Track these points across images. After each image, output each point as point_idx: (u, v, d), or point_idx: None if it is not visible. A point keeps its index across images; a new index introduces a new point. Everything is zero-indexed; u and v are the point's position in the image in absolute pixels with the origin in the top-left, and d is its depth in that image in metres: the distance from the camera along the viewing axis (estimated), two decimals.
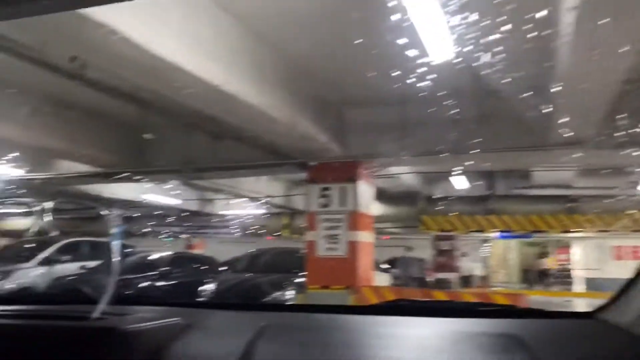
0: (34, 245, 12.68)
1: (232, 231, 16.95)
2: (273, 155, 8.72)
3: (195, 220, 16.24)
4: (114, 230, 1.06)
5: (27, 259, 11.58)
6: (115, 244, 1.08)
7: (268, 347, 0.90)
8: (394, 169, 10.89)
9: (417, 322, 1.08)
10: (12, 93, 7.39)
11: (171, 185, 12.64)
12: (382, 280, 11.52)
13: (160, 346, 0.89)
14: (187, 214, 15.62)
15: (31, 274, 11.07)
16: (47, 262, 11.60)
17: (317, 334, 0.95)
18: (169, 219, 15.91)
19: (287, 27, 5.84)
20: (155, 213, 15.51)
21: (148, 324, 0.94)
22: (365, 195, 8.90)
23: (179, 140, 8.84)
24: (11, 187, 11.34)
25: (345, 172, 8.59)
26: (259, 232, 16.91)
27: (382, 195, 14.22)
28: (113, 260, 1.08)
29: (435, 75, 6.27)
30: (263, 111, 6.29)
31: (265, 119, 6.57)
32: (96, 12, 3.77)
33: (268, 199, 13.62)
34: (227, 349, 0.90)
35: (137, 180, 10.99)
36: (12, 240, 16.61)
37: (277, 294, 9.35)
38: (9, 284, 10.47)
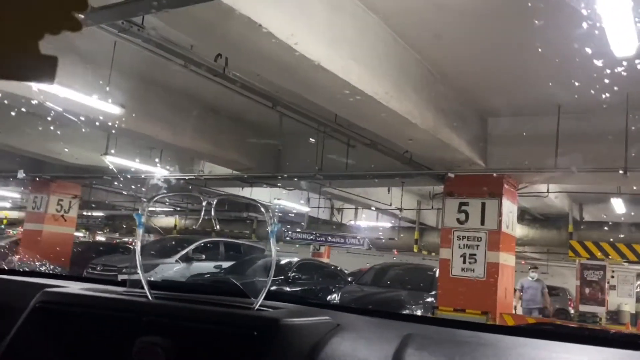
0: (175, 242, 13.54)
1: (359, 242, 16.75)
2: (408, 165, 8.33)
3: (323, 229, 16.30)
4: (271, 230, 1.07)
5: (169, 255, 12.36)
6: (273, 243, 1.08)
7: (415, 356, 0.91)
8: (541, 187, 9.93)
9: (566, 348, 1.01)
10: (165, 96, 7.85)
11: (302, 192, 12.76)
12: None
13: (317, 341, 0.94)
14: (316, 221, 15.73)
15: (171, 269, 11.78)
16: (185, 259, 12.29)
17: (461, 348, 0.95)
18: (298, 226, 16.16)
19: (431, 30, 5.46)
20: (286, 219, 15.82)
21: (304, 319, 0.97)
22: (508, 214, 8.12)
23: (312, 146, 8.80)
24: (160, 186, 12.21)
25: (486, 186, 7.91)
26: (386, 245, 16.51)
27: (524, 216, 13.10)
28: (272, 257, 1.12)
29: (595, 84, 5.53)
30: (402, 117, 5.94)
31: (404, 126, 6.21)
32: (242, 6, 3.70)
33: (398, 211, 13.19)
34: (376, 353, 0.93)
35: (272, 185, 11.21)
36: (158, 236, 18.01)
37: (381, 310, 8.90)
38: (152, 277, 11.21)
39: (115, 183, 12.61)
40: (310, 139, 8.54)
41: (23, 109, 7.52)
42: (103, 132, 8.83)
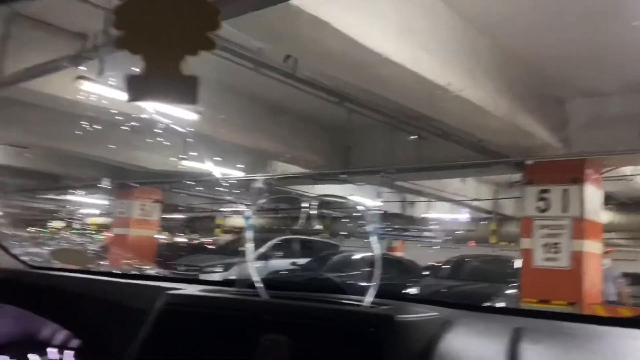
0: (252, 241, 13.85)
1: (434, 235, 16.47)
2: (483, 154, 8.09)
3: (396, 223, 16.14)
4: (370, 228, 1.08)
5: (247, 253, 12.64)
6: (374, 241, 1.09)
7: (532, 351, 0.87)
8: (627, 170, 9.35)
9: None
10: (237, 100, 8.08)
11: (374, 187, 12.70)
12: None
13: (429, 338, 0.91)
14: (389, 215, 15.61)
15: (250, 267, 12.09)
16: (263, 257, 12.56)
17: (576, 341, 0.91)
18: (370, 219, 16.07)
19: (503, 14, 5.27)
20: (358, 214, 15.78)
21: (416, 315, 0.95)
22: (592, 200, 7.70)
23: (382, 140, 8.74)
24: (232, 187, 12.56)
25: (568, 172, 7.53)
26: (462, 237, 16.12)
27: (609, 201, 12.39)
28: (376, 255, 1.10)
29: None
30: (476, 105, 5.78)
31: (478, 114, 6.04)
32: (310, 5, 3.75)
33: (474, 202, 12.84)
34: (491, 349, 0.90)
35: (342, 181, 11.25)
36: (234, 236, 18.53)
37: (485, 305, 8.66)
38: (231, 275, 11.53)
39: (192, 186, 13.10)
40: (380, 133, 8.49)
41: (106, 120, 7.97)
42: (181, 138, 9.20)
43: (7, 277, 0.76)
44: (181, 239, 25.07)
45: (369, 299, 0.98)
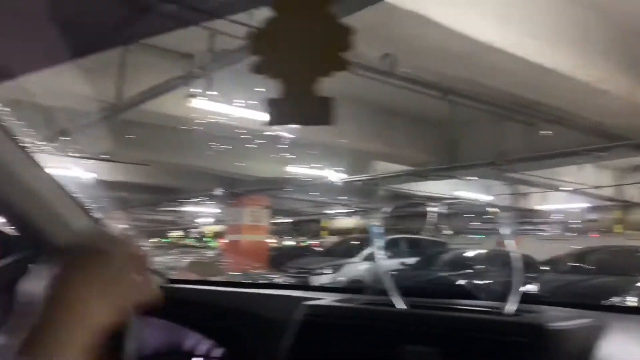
0: (358, 242, 13.88)
1: (550, 228, 15.51)
2: (601, 138, 7.48)
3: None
4: (505, 228, 1.01)
5: (354, 254, 12.71)
6: (508, 241, 0.99)
7: None
8: None
9: None
10: (337, 102, 8.12)
11: (483, 180, 12.24)
12: None
13: (586, 347, 0.83)
14: (500, 209, 14.92)
15: (358, 268, 12.11)
16: (371, 257, 12.55)
17: None
18: (480, 215, 15.51)
19: None
20: (466, 209, 15.30)
21: (569, 323, 0.87)
22: None
23: (489, 131, 8.39)
24: (337, 189, 12.70)
25: None
26: (582, 229, 15.03)
27: None
28: (514, 257, 0.99)
29: None
30: (591, 86, 5.36)
31: (594, 95, 5.60)
32: (405, 2, 3.69)
33: (594, 190, 11.92)
34: None
35: (448, 177, 10.95)
36: (340, 237, 18.70)
37: (615, 300, 7.99)
38: (340, 277, 11.64)
39: (298, 190, 13.43)
40: (487, 124, 8.16)
41: (215, 133, 8.39)
42: (285, 145, 9.45)
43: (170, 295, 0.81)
44: (289, 243, 25.75)
45: (511, 306, 0.92)
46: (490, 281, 8.68)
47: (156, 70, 6.40)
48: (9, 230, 1.06)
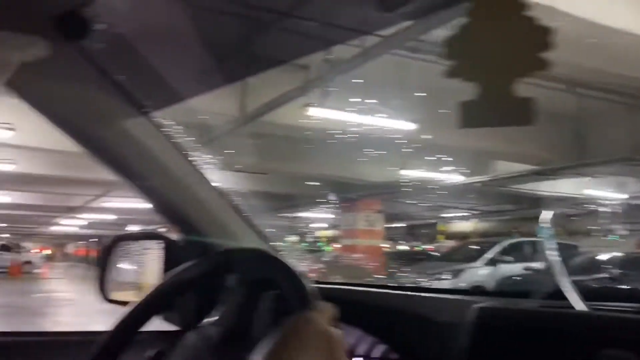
0: (478, 246, 13.39)
1: None
2: None
3: None
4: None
5: (474, 259, 12.28)
6: None
7: None
8: None
9: None
10: (449, 103, 7.93)
11: (616, 178, 11.25)
12: None
13: None
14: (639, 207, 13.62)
15: (479, 272, 11.67)
16: (492, 262, 12.03)
17: None
18: (614, 215, 14.26)
19: None
20: (598, 209, 14.15)
21: None
22: None
23: (622, 124, 7.70)
24: (454, 192, 12.35)
25: None
26: None
27: None
28: None
29: None
30: None
31: None
32: None
33: None
34: None
35: (576, 175, 10.21)
36: (458, 242, 18.16)
37: None
38: (460, 282, 11.29)
39: (412, 194, 13.26)
40: (619, 116, 7.49)
41: (330, 140, 8.55)
42: (399, 148, 9.40)
43: (351, 299, 0.84)
44: (403, 247, 25.50)
45: None
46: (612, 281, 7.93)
47: (275, 82, 6.67)
48: (175, 236, 1.16)
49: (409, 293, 1.01)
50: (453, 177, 10.99)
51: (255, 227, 1.13)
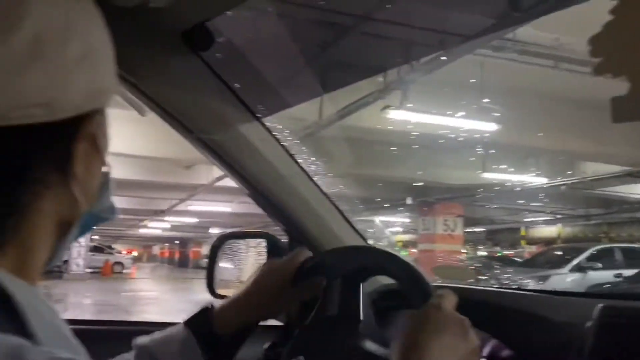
0: (563, 252, 12.84)
1: None
2: None
3: None
4: None
5: (559, 265, 11.78)
6: None
7: None
8: None
9: None
10: (533, 102, 7.65)
11: None
12: None
13: None
14: None
15: (566, 279, 11.16)
16: (579, 268, 11.47)
17: None
18: None
19: None
20: None
21: None
22: None
23: None
24: (538, 195, 11.85)
25: None
26: None
27: None
28: None
29: None
30: None
31: None
32: None
33: None
34: None
35: None
36: (541, 247, 17.40)
37: None
38: (546, 289, 10.82)
39: (493, 197, 12.86)
40: None
41: (409, 142, 8.47)
42: (481, 150, 9.16)
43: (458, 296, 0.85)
44: (482, 252, 24.81)
45: None
46: None
47: (353, 86, 6.70)
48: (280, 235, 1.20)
49: (522, 292, 1.00)
50: (537, 179, 10.54)
51: (356, 228, 1.15)
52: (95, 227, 0.56)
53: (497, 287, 1.10)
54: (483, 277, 11.93)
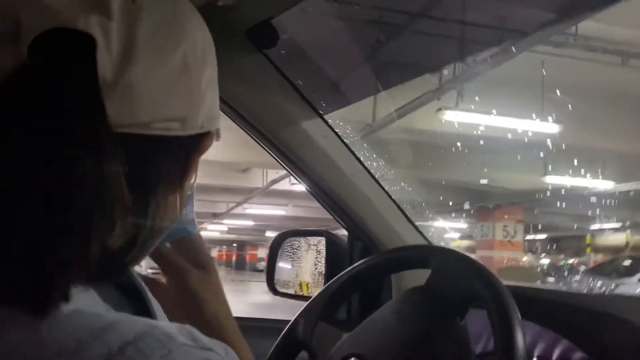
0: (633, 261, 12.32)
1: None
2: None
3: None
4: None
5: (628, 274, 11.34)
6: None
7: None
8: None
9: None
10: (600, 101, 7.31)
11: None
12: None
13: None
14: None
15: (635, 289, 10.69)
16: None
17: None
18: None
19: None
20: None
21: None
22: None
23: None
24: (605, 201, 11.31)
25: None
26: None
27: None
28: None
29: None
30: None
31: None
32: None
33: None
34: None
35: None
36: (608, 256, 16.65)
37: None
38: None
39: (556, 203, 12.38)
40: None
41: (466, 145, 8.28)
42: (542, 153, 8.83)
43: (527, 295, 0.82)
44: (544, 260, 24.00)
45: None
46: None
47: (406, 86, 6.61)
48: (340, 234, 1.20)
49: (597, 294, 0.96)
50: (604, 184, 10.05)
51: (419, 229, 1.14)
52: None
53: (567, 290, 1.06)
54: (550, 279, 11.55)
